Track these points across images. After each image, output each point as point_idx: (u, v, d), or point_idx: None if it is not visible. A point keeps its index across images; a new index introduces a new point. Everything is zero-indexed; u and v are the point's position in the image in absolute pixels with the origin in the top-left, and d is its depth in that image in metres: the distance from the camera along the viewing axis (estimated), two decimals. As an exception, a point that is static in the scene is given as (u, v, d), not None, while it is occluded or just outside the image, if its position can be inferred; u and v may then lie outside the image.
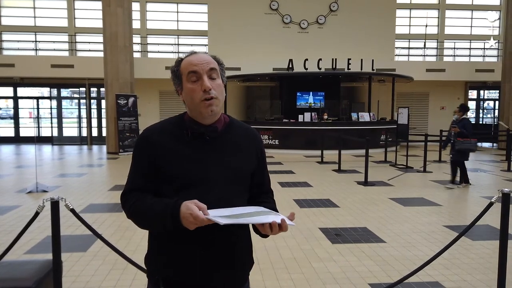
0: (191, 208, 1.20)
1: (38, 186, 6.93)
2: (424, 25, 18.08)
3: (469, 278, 3.38)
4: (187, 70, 1.35)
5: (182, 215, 1.21)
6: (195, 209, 1.19)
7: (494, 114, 19.70)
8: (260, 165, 1.49)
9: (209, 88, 1.32)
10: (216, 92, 1.35)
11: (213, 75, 1.36)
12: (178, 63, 1.40)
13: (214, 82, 1.35)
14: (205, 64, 1.35)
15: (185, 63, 1.37)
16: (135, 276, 3.36)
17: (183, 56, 1.41)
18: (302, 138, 13.16)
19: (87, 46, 17.65)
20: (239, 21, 16.65)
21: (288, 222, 1.26)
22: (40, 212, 2.62)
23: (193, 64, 1.35)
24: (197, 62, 1.35)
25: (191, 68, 1.34)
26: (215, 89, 1.34)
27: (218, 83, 1.37)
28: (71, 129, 17.75)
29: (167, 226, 1.26)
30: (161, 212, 1.26)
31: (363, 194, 6.83)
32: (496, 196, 2.78)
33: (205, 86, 1.32)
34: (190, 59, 1.37)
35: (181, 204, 1.22)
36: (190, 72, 1.34)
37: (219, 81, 1.38)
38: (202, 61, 1.35)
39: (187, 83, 1.35)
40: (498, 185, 7.76)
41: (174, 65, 1.41)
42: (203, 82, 1.32)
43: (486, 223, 4.86)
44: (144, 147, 1.37)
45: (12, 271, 2.48)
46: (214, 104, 1.34)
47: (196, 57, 1.37)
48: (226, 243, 1.34)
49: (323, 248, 4.11)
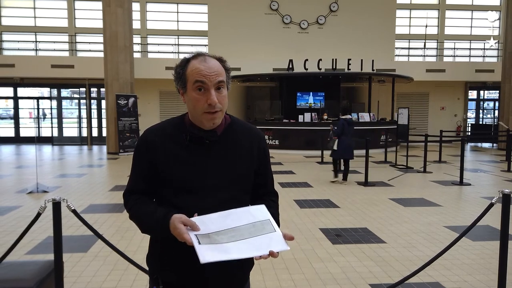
0: (179, 228, 1.20)
1: (38, 187, 6.93)
2: (424, 26, 18.09)
3: (470, 278, 3.38)
4: (194, 77, 1.29)
5: (172, 231, 1.22)
6: (182, 229, 1.20)
7: (494, 115, 19.71)
8: (262, 166, 1.46)
9: (215, 103, 1.28)
10: (221, 105, 1.31)
11: (221, 86, 1.31)
12: (185, 64, 1.33)
13: (220, 94, 1.31)
14: (214, 75, 1.29)
15: (192, 68, 1.30)
16: (136, 277, 3.37)
17: (190, 57, 1.34)
18: (302, 138, 13.16)
19: (87, 46, 17.66)
20: (239, 21, 16.65)
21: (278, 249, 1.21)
22: (41, 213, 2.63)
23: (202, 74, 1.28)
24: (206, 72, 1.28)
25: (199, 77, 1.28)
26: (221, 102, 1.31)
27: (224, 94, 1.32)
28: (71, 129, 17.75)
29: (159, 237, 1.29)
30: (153, 225, 1.29)
31: (363, 194, 6.83)
32: (496, 197, 2.79)
33: (212, 101, 1.28)
34: (198, 66, 1.29)
35: (170, 221, 1.23)
36: (198, 81, 1.28)
37: (225, 92, 1.33)
38: (211, 72, 1.29)
39: (192, 91, 1.30)
40: (498, 185, 7.76)
41: (179, 65, 1.34)
42: (210, 96, 1.28)
43: (487, 223, 4.86)
44: (144, 149, 1.37)
45: (13, 272, 2.48)
46: (218, 117, 1.32)
47: (205, 65, 1.30)
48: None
49: (323, 248, 4.12)
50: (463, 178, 7.74)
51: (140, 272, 3.15)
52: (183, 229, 1.19)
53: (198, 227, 1.20)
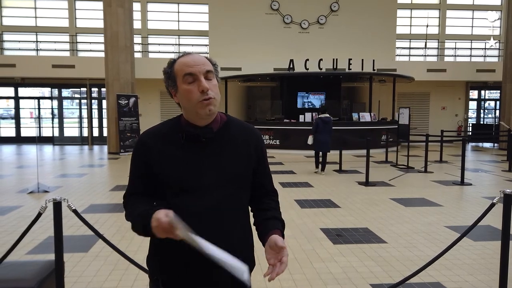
0: (158, 213, 1.18)
1: (39, 187, 6.93)
2: (425, 25, 18.08)
3: (471, 278, 3.38)
4: (182, 72, 1.32)
5: (151, 219, 1.20)
6: (160, 213, 1.17)
7: (495, 114, 19.69)
8: (260, 165, 1.46)
9: (207, 89, 1.30)
10: (214, 92, 1.33)
11: (209, 76, 1.34)
12: (171, 64, 1.36)
13: (210, 82, 1.33)
14: (201, 65, 1.32)
15: (179, 64, 1.34)
16: (136, 277, 3.37)
17: (176, 57, 1.38)
18: (303, 138, 13.13)
19: (88, 46, 17.67)
20: (239, 21, 16.65)
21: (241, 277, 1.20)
22: (42, 213, 2.63)
23: (189, 66, 1.31)
24: (193, 63, 1.32)
25: (187, 70, 1.31)
26: (212, 89, 1.33)
27: (214, 83, 1.35)
28: (72, 129, 17.77)
29: (141, 232, 1.27)
30: (138, 215, 1.28)
31: (364, 194, 6.82)
32: (497, 197, 2.78)
33: (203, 87, 1.30)
34: (184, 60, 1.34)
35: (155, 211, 1.21)
36: (186, 74, 1.31)
37: (215, 81, 1.35)
38: (198, 63, 1.32)
39: (182, 84, 1.32)
40: (499, 185, 7.75)
41: (166, 67, 1.37)
42: (201, 83, 1.30)
43: (488, 223, 4.85)
44: (140, 152, 1.38)
45: (14, 272, 2.49)
46: (212, 104, 1.32)
47: (191, 58, 1.34)
48: (227, 246, 1.33)
49: (324, 248, 4.11)
50: (464, 178, 7.73)
51: (141, 272, 3.15)
52: (162, 214, 1.17)
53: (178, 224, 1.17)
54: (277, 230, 1.39)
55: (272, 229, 1.39)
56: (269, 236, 1.36)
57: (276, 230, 1.39)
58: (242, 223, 1.41)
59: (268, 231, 1.39)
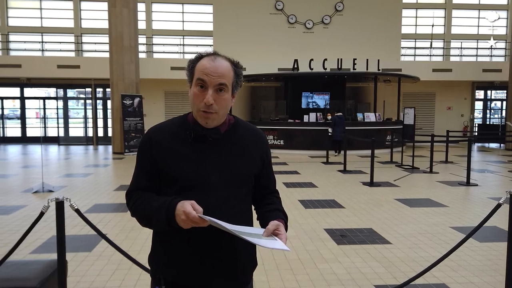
0: (185, 205, 1.19)
1: (44, 186, 6.96)
2: (430, 25, 17.98)
3: (476, 280, 3.34)
4: (198, 74, 1.31)
5: (176, 212, 1.20)
6: (188, 207, 1.19)
7: (502, 115, 19.54)
8: (265, 169, 1.46)
9: (209, 103, 1.29)
10: (218, 107, 1.30)
11: (221, 88, 1.31)
12: (197, 60, 1.35)
13: (220, 95, 1.30)
14: (216, 77, 1.29)
15: (200, 65, 1.32)
16: (139, 277, 3.36)
17: (204, 54, 1.36)
18: (307, 138, 13.13)
19: (93, 47, 17.75)
20: (244, 21, 16.65)
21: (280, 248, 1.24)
22: (45, 212, 2.63)
23: (205, 73, 1.29)
24: (210, 71, 1.29)
25: (201, 75, 1.29)
26: (218, 103, 1.30)
27: (224, 97, 1.32)
28: (77, 129, 17.85)
29: (162, 224, 1.25)
30: (158, 208, 1.26)
31: (369, 194, 6.79)
32: (504, 198, 2.75)
33: (206, 101, 1.28)
34: (206, 63, 1.31)
35: (177, 202, 1.22)
36: (199, 79, 1.30)
37: (226, 95, 1.32)
38: (214, 73, 1.29)
39: (194, 86, 1.32)
40: (506, 186, 7.68)
41: (192, 59, 1.36)
42: (206, 96, 1.29)
43: (494, 224, 4.80)
44: (147, 148, 1.37)
45: (17, 271, 2.49)
46: (211, 118, 1.31)
47: (212, 64, 1.30)
48: (230, 245, 1.33)
49: (328, 249, 4.09)
50: (470, 179, 7.67)
51: (144, 272, 3.14)
52: (190, 207, 1.19)
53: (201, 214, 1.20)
54: (281, 220, 1.38)
55: (275, 219, 1.37)
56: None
57: (280, 220, 1.37)
58: (246, 223, 1.40)
59: (271, 220, 1.36)
